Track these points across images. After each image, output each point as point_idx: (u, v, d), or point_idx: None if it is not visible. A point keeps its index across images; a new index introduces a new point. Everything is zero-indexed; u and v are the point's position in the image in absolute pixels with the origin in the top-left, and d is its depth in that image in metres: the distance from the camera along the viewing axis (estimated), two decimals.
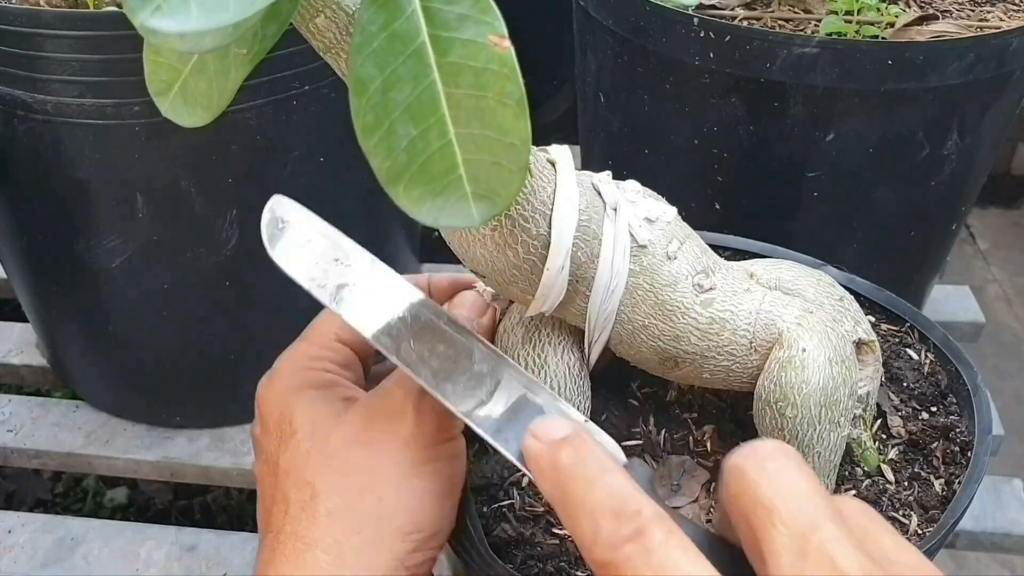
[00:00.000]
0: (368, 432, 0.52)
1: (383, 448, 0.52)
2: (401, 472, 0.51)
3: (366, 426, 0.52)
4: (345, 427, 0.53)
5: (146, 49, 0.45)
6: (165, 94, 0.45)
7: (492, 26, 0.35)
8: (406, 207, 0.37)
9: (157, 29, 0.29)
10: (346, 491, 0.51)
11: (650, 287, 0.54)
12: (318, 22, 0.46)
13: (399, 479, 0.51)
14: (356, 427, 0.53)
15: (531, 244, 0.51)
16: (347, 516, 0.51)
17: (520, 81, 0.36)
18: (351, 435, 0.52)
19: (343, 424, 0.53)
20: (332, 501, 0.51)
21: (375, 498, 0.51)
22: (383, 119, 0.35)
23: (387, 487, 0.51)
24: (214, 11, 0.29)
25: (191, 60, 0.44)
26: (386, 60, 0.35)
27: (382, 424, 0.52)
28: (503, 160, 0.36)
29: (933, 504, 0.58)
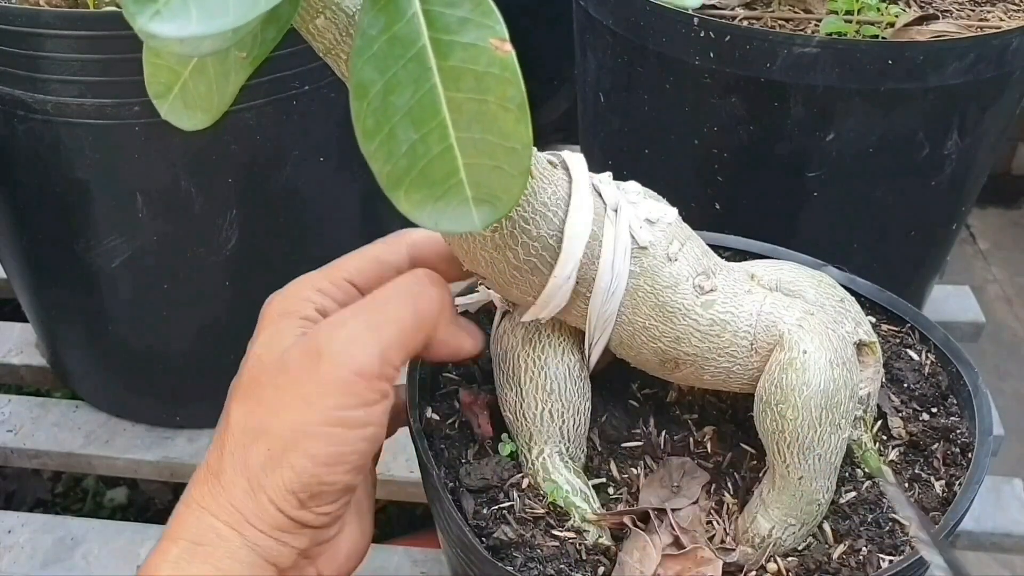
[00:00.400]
0: (288, 374, 0.53)
1: (290, 397, 0.52)
2: (293, 428, 0.52)
3: (291, 367, 0.53)
4: (277, 365, 0.54)
5: (145, 52, 0.45)
6: (164, 97, 0.45)
7: (493, 29, 0.35)
8: (407, 211, 0.37)
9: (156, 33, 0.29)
10: (245, 432, 0.53)
11: (651, 288, 0.54)
12: (318, 23, 0.46)
13: (289, 435, 0.52)
14: (284, 367, 0.53)
15: (531, 245, 0.51)
16: (239, 457, 0.52)
17: (521, 85, 0.36)
18: (275, 375, 0.53)
19: (279, 361, 0.54)
20: (234, 438, 0.53)
21: (264, 449, 0.52)
22: (384, 123, 0.35)
23: (277, 441, 0.52)
24: (214, 15, 0.29)
25: (190, 63, 0.44)
26: (387, 64, 0.35)
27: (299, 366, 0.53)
28: (504, 164, 0.36)
29: (934, 505, 0.58)
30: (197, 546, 0.52)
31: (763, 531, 0.55)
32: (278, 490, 0.52)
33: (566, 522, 0.57)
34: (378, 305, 0.54)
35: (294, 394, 0.52)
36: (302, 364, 0.52)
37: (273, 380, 0.53)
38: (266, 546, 0.52)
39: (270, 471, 0.52)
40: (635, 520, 0.56)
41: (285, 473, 0.51)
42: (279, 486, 0.52)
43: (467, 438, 0.62)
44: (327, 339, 0.52)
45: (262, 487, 0.52)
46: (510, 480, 0.59)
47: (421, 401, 0.62)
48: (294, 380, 0.52)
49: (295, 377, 0.52)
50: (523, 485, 0.58)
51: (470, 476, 0.58)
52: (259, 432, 0.52)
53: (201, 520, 0.52)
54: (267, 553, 0.52)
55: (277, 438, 0.52)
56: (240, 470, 0.52)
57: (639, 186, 0.56)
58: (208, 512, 0.53)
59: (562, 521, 0.57)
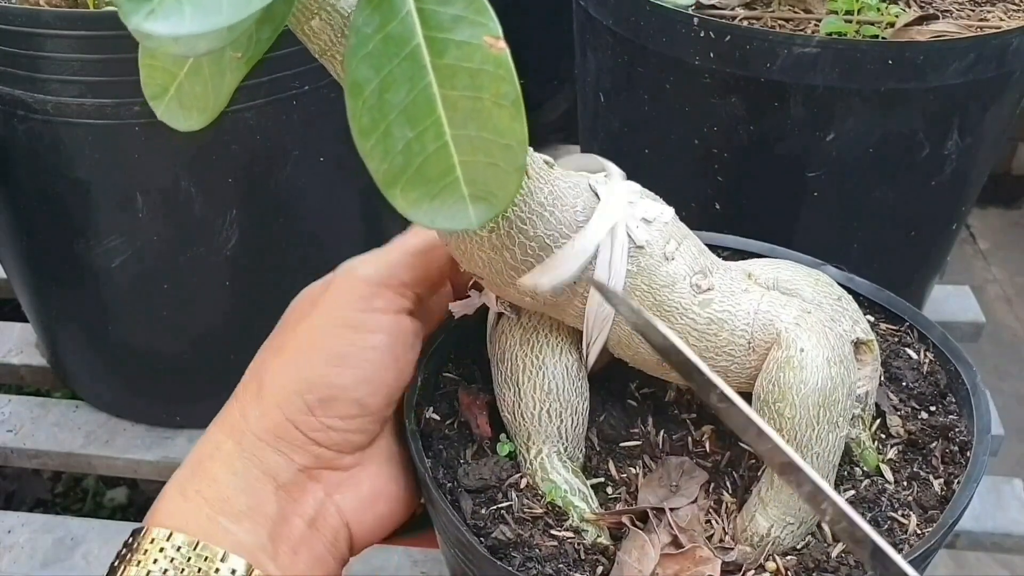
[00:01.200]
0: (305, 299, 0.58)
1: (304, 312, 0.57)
2: (305, 334, 0.55)
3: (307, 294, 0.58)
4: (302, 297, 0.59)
5: (141, 54, 0.45)
6: (160, 98, 0.45)
7: (487, 27, 0.35)
8: (403, 210, 0.37)
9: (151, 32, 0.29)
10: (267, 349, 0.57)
11: (648, 288, 0.54)
12: (313, 25, 0.46)
13: (303, 340, 0.55)
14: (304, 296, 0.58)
15: (528, 245, 0.51)
16: (257, 371, 0.56)
17: (516, 82, 0.36)
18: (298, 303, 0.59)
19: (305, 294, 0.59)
20: (258, 357, 0.57)
21: (278, 356, 0.56)
22: (379, 121, 0.35)
23: (291, 346, 0.55)
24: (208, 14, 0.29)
25: (186, 64, 0.44)
26: (381, 62, 0.35)
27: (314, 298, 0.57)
28: (500, 161, 0.36)
29: (932, 504, 0.58)
30: (198, 463, 0.54)
31: (762, 530, 0.55)
32: (284, 391, 0.54)
33: (565, 522, 0.57)
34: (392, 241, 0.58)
35: (309, 311, 0.56)
36: (318, 292, 0.57)
37: (295, 312, 0.58)
38: (264, 456, 0.54)
39: (280, 374, 0.54)
40: (634, 519, 0.56)
41: (292, 374, 0.54)
42: (285, 386, 0.54)
43: (466, 438, 0.62)
44: (340, 267, 0.57)
45: (271, 390, 0.54)
46: (508, 480, 0.59)
47: (420, 401, 0.62)
48: (311, 304, 0.56)
49: (311, 299, 0.57)
50: (521, 485, 0.58)
51: (468, 476, 0.58)
52: (275, 347, 0.56)
53: (209, 437, 0.55)
54: (264, 463, 0.54)
55: (291, 346, 0.55)
56: (253, 378, 0.56)
57: (636, 186, 0.56)
58: (216, 427, 0.55)
59: (560, 521, 0.57)
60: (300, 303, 0.58)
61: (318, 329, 0.55)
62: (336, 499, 0.57)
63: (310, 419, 0.54)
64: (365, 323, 0.55)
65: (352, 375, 0.54)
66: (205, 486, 0.53)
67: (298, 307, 0.58)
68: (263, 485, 0.54)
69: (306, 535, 0.55)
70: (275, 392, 0.54)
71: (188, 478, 0.54)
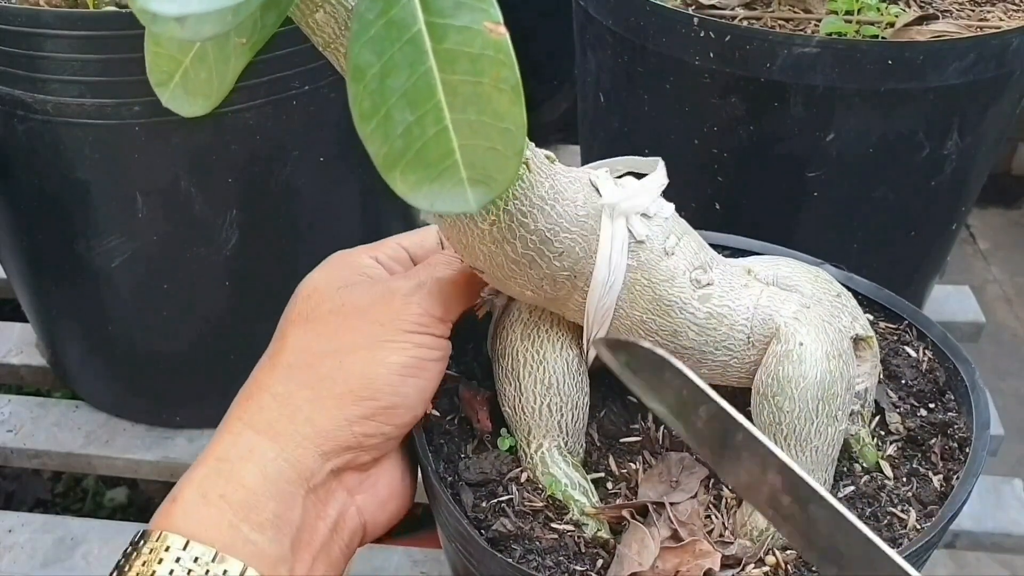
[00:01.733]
0: (354, 304, 0.57)
1: (359, 320, 0.56)
2: (368, 343, 0.55)
3: (357, 299, 0.57)
4: (339, 296, 0.57)
5: (147, 40, 0.45)
6: (166, 84, 0.45)
7: (487, 13, 0.35)
8: (403, 193, 0.37)
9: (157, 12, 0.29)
10: (309, 350, 0.56)
11: (648, 282, 0.54)
12: (317, 17, 0.46)
13: (364, 348, 0.55)
14: (348, 298, 0.57)
15: (529, 239, 0.52)
16: (303, 371, 0.55)
17: (515, 67, 0.36)
18: (339, 304, 0.57)
19: (340, 293, 0.57)
20: (294, 356, 0.56)
21: (336, 361, 0.55)
22: (380, 105, 0.36)
23: (351, 354, 0.55)
24: None
25: (191, 50, 0.44)
26: (383, 47, 0.35)
27: (369, 300, 0.57)
28: (499, 145, 0.37)
29: (931, 500, 0.58)
30: (224, 463, 0.53)
31: (761, 524, 0.55)
32: (349, 395, 0.54)
33: (565, 515, 0.57)
34: (438, 267, 0.59)
35: (367, 319, 0.56)
36: (374, 300, 0.56)
37: (338, 308, 0.57)
38: (304, 459, 0.53)
39: (342, 380, 0.54)
40: (634, 513, 0.57)
41: (358, 379, 0.54)
42: (352, 390, 0.54)
43: (466, 433, 0.62)
44: (400, 285, 0.57)
45: (332, 393, 0.54)
46: (509, 474, 0.59)
47: None
48: (365, 311, 0.56)
49: (366, 309, 0.56)
50: (522, 479, 0.59)
51: (469, 470, 0.59)
52: (328, 350, 0.55)
53: (239, 436, 0.54)
54: (301, 466, 0.53)
55: (350, 351, 0.55)
56: (304, 382, 0.55)
57: (636, 181, 0.57)
58: (248, 425, 0.54)
59: (561, 514, 0.57)
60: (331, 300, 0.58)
61: (384, 341, 0.55)
62: (358, 500, 0.57)
63: (369, 424, 0.55)
64: (427, 341, 0.56)
65: (415, 385, 0.56)
66: (232, 490, 0.52)
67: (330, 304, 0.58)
68: (295, 489, 0.53)
69: (327, 540, 0.55)
70: (336, 394, 0.54)
71: (211, 480, 0.52)
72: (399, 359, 0.55)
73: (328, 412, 0.54)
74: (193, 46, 0.44)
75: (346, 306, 0.57)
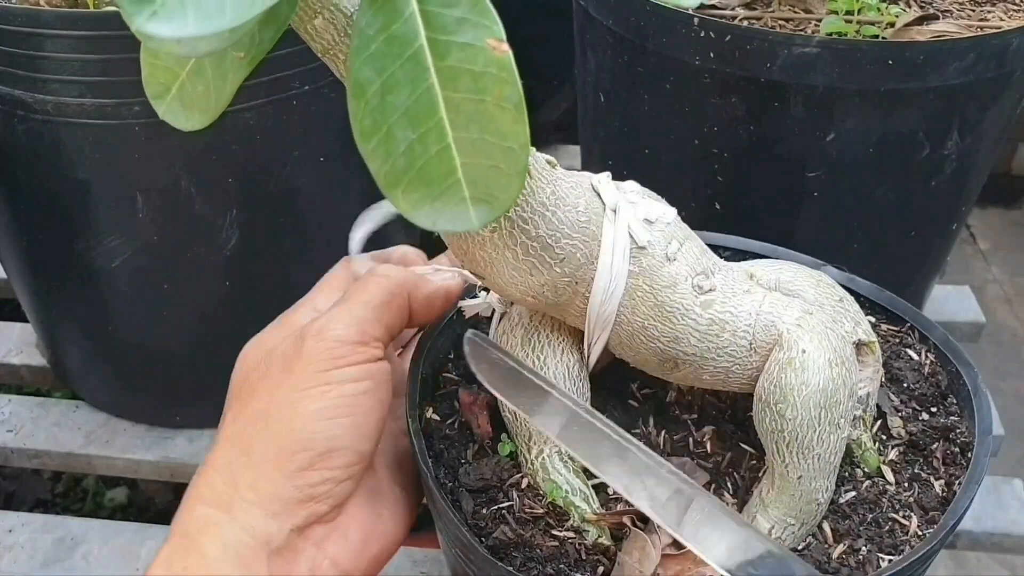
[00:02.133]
0: (276, 361, 0.56)
1: (281, 376, 0.55)
2: (288, 396, 0.54)
3: (278, 356, 0.57)
4: (267, 360, 0.57)
5: (143, 52, 0.45)
6: (162, 97, 0.45)
7: (490, 30, 0.35)
8: (405, 211, 0.37)
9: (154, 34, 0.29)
10: (243, 418, 0.56)
11: (649, 288, 0.54)
12: (316, 24, 0.46)
13: (285, 403, 0.54)
14: (271, 358, 0.57)
15: (530, 246, 0.51)
16: (239, 441, 0.55)
17: (519, 85, 0.36)
18: (265, 368, 0.57)
19: (267, 356, 0.57)
20: (231, 428, 0.56)
21: (263, 422, 0.54)
22: (381, 123, 0.35)
23: (276, 411, 0.54)
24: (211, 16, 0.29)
25: (188, 63, 0.44)
26: (384, 63, 0.35)
27: (284, 351, 0.56)
28: (502, 164, 0.36)
29: (933, 505, 0.58)
30: (185, 538, 0.53)
31: (763, 530, 0.55)
32: (280, 452, 0.53)
33: (565, 522, 0.57)
34: (348, 295, 0.58)
35: (285, 371, 0.55)
36: (287, 350, 0.56)
37: (264, 372, 0.56)
38: (256, 523, 0.53)
39: (272, 437, 0.54)
40: (635, 520, 0.56)
41: (285, 435, 0.53)
42: (282, 447, 0.53)
43: (466, 438, 0.62)
44: (308, 327, 0.56)
45: (263, 454, 0.53)
46: (509, 480, 0.59)
47: (421, 401, 0.62)
48: (282, 366, 0.56)
49: (283, 364, 0.56)
50: (522, 485, 0.58)
51: (469, 476, 0.58)
52: (256, 414, 0.55)
53: (193, 511, 0.54)
54: (257, 531, 0.53)
55: (274, 411, 0.54)
56: (240, 450, 0.54)
57: (638, 186, 0.57)
58: (200, 500, 0.54)
59: (561, 521, 0.57)
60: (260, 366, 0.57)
61: (302, 390, 0.54)
62: (328, 551, 0.56)
63: (311, 474, 0.54)
64: (348, 375, 0.55)
65: (346, 424, 0.54)
66: (194, 562, 0.52)
67: (259, 370, 0.57)
68: (256, 555, 0.53)
69: None
70: (269, 455, 0.53)
71: (176, 555, 0.53)
72: (319, 404, 0.54)
73: (267, 474, 0.53)
74: (190, 60, 0.43)
75: (271, 367, 0.56)
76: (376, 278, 0.59)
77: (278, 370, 0.56)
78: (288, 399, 0.54)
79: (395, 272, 0.60)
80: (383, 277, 0.59)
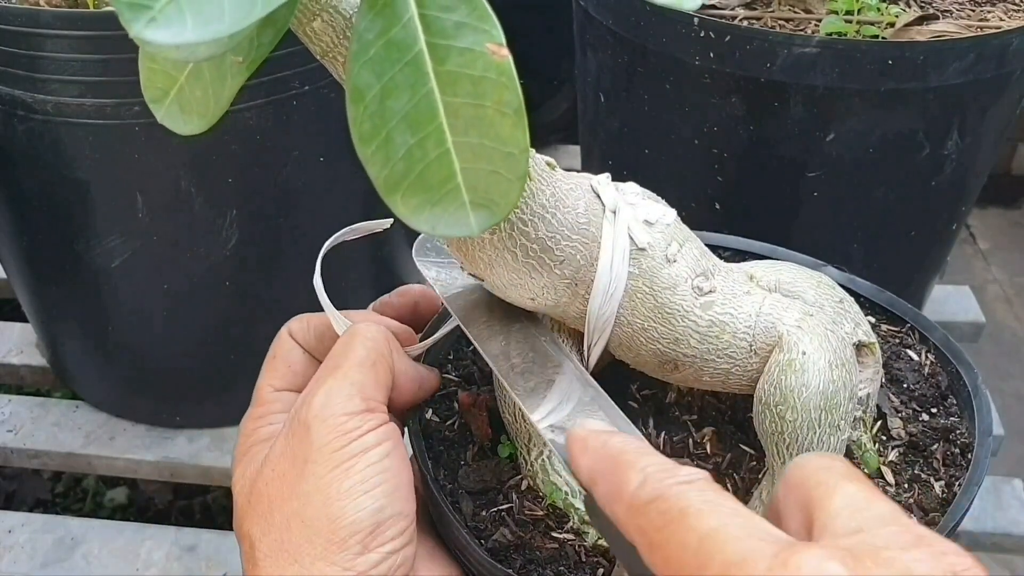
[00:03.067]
0: (279, 465, 0.52)
1: (293, 474, 0.51)
2: (316, 486, 0.50)
3: (277, 460, 0.52)
4: (266, 469, 0.53)
5: (141, 56, 0.44)
6: (161, 101, 0.44)
7: (490, 34, 0.35)
8: (404, 216, 0.37)
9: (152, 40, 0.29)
10: (274, 529, 0.51)
11: (649, 290, 0.54)
12: (315, 26, 0.46)
13: (316, 494, 0.50)
14: (272, 465, 0.53)
15: (530, 248, 0.51)
16: (281, 551, 0.51)
17: (518, 90, 0.36)
18: (271, 473, 0.52)
19: (264, 467, 0.53)
20: (266, 542, 0.51)
21: (299, 523, 0.50)
22: (381, 127, 0.35)
23: (309, 507, 0.50)
24: (209, 22, 0.29)
25: (187, 68, 0.43)
26: (383, 68, 0.35)
27: (286, 451, 0.52)
28: (501, 169, 0.36)
29: (933, 506, 0.58)
30: None
31: None
32: (327, 545, 0.50)
33: (565, 524, 0.57)
34: (334, 360, 0.54)
35: (300, 467, 0.51)
36: (295, 446, 0.52)
37: (274, 477, 0.53)
38: None
39: (314, 538, 0.50)
40: None
41: (327, 526, 0.50)
42: (329, 539, 0.50)
43: (466, 440, 0.62)
44: (306, 410, 0.52)
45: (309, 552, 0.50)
46: (509, 482, 0.59)
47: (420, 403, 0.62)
48: (294, 461, 0.52)
49: (294, 458, 0.52)
50: (522, 487, 0.58)
51: (469, 478, 0.58)
52: (289, 518, 0.51)
53: None
54: None
55: (307, 508, 0.50)
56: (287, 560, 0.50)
57: (638, 187, 0.56)
58: None
59: (561, 523, 0.57)
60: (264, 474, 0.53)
61: (327, 475, 0.51)
62: None
63: (369, 556, 0.50)
64: (367, 443, 0.52)
65: (384, 491, 0.51)
66: None
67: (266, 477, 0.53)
68: None
69: None
70: (319, 552, 0.50)
71: None
72: (350, 482, 0.50)
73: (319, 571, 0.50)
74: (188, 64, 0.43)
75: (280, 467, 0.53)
76: (360, 338, 0.55)
77: (291, 467, 0.52)
78: (316, 489, 0.50)
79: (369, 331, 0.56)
80: (368, 339, 0.55)
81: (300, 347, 0.60)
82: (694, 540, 0.36)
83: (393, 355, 0.56)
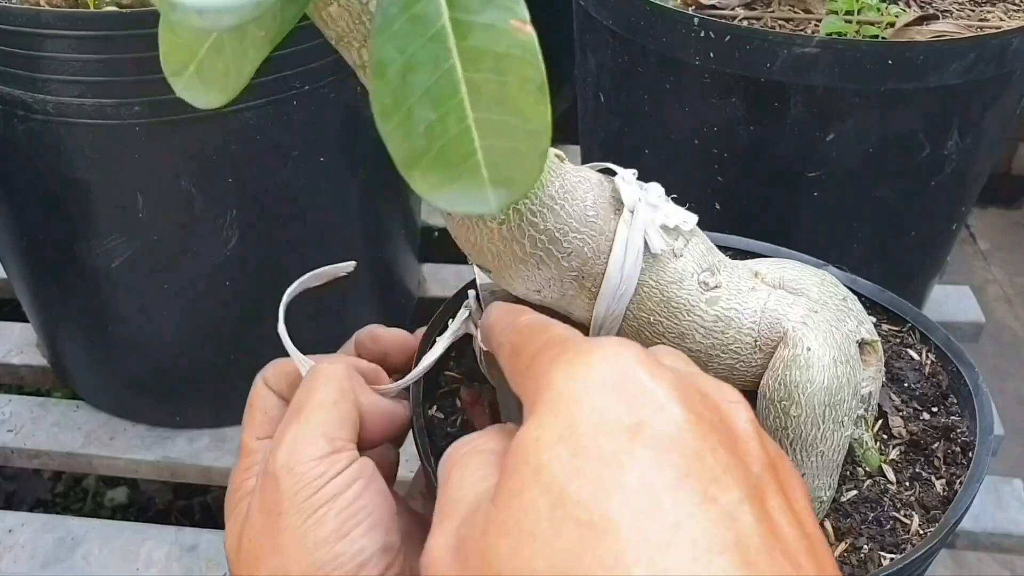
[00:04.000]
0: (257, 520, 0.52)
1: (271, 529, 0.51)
2: (291, 540, 0.50)
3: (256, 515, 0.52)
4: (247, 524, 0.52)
5: (161, 29, 0.44)
6: (180, 74, 0.44)
7: (514, 11, 0.35)
8: (422, 192, 0.37)
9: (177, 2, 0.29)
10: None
11: (656, 284, 0.54)
12: (331, 11, 0.46)
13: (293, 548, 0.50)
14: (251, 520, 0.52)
15: (538, 239, 0.51)
16: None
17: (542, 67, 0.36)
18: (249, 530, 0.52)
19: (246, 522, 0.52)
20: None
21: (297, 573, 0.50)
22: (401, 102, 0.35)
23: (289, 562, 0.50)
24: None
25: (207, 40, 0.43)
26: (406, 43, 0.35)
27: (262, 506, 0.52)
28: (522, 146, 0.36)
29: (934, 504, 0.58)
30: None
31: None
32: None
33: None
34: (297, 405, 0.54)
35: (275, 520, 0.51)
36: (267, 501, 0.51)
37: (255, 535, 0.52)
38: None
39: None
40: None
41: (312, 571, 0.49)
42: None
43: None
44: (273, 462, 0.52)
45: None
46: None
47: (423, 399, 0.61)
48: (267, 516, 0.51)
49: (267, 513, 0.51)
50: None
51: None
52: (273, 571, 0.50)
53: None
54: None
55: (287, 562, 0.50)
56: None
57: (662, 189, 0.56)
58: None
59: None
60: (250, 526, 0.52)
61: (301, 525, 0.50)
62: None
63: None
64: (337, 487, 0.51)
65: (362, 531, 0.50)
66: None
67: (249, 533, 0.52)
68: None
69: None
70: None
71: None
72: (326, 529, 0.50)
73: None
74: (209, 36, 0.43)
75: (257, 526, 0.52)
76: (322, 378, 0.55)
77: (268, 521, 0.51)
78: (293, 542, 0.50)
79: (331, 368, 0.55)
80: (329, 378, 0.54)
81: (274, 394, 0.59)
82: (543, 338, 0.44)
83: (356, 390, 0.55)
